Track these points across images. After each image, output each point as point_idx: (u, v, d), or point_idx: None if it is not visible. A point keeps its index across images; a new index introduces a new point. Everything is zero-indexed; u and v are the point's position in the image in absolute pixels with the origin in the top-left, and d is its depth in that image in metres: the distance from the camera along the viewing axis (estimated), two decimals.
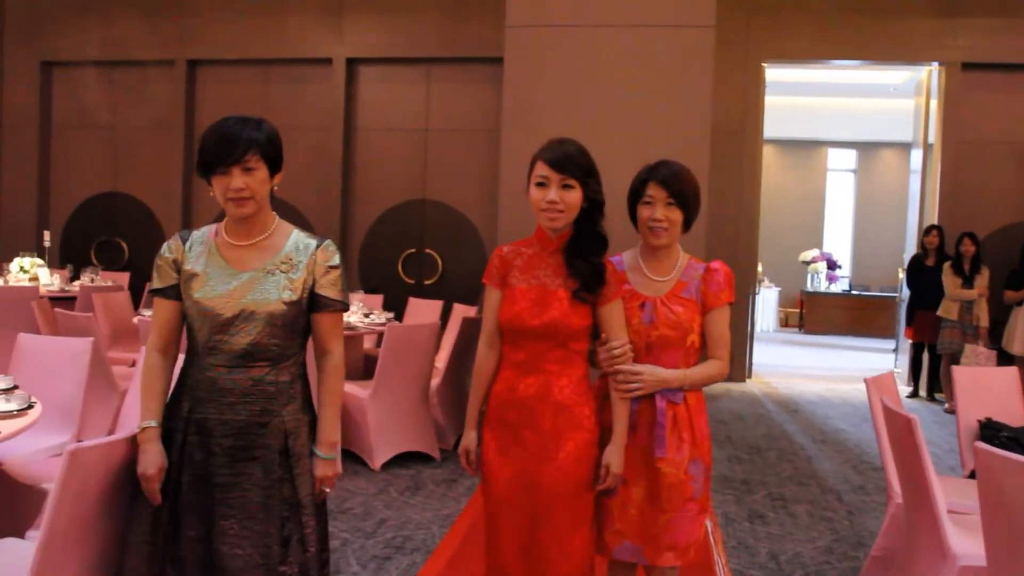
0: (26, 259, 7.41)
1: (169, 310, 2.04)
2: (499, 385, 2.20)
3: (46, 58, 9.21)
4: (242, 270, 2.00)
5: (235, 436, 1.96)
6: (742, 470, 5.00)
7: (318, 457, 2.04)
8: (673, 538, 2.19)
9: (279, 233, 2.06)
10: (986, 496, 2.22)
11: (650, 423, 2.20)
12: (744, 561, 3.55)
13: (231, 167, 1.93)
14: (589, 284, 2.12)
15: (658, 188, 2.21)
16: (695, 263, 2.29)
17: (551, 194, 2.10)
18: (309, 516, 2.01)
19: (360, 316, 5.44)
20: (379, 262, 8.66)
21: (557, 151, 2.12)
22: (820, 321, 13.76)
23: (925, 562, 2.69)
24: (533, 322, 2.12)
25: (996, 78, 8.03)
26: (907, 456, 2.71)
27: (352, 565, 3.32)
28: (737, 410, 6.87)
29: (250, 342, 1.96)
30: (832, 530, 3.98)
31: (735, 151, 8.31)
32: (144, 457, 1.95)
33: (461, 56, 8.31)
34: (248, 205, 1.96)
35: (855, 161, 15.10)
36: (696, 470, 2.21)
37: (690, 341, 2.21)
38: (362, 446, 4.70)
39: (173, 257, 2.03)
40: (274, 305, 1.97)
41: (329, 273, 2.05)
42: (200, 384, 1.98)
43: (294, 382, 2.03)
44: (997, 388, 3.73)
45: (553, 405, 2.13)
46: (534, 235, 2.22)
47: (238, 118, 1.98)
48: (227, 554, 1.94)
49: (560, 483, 2.11)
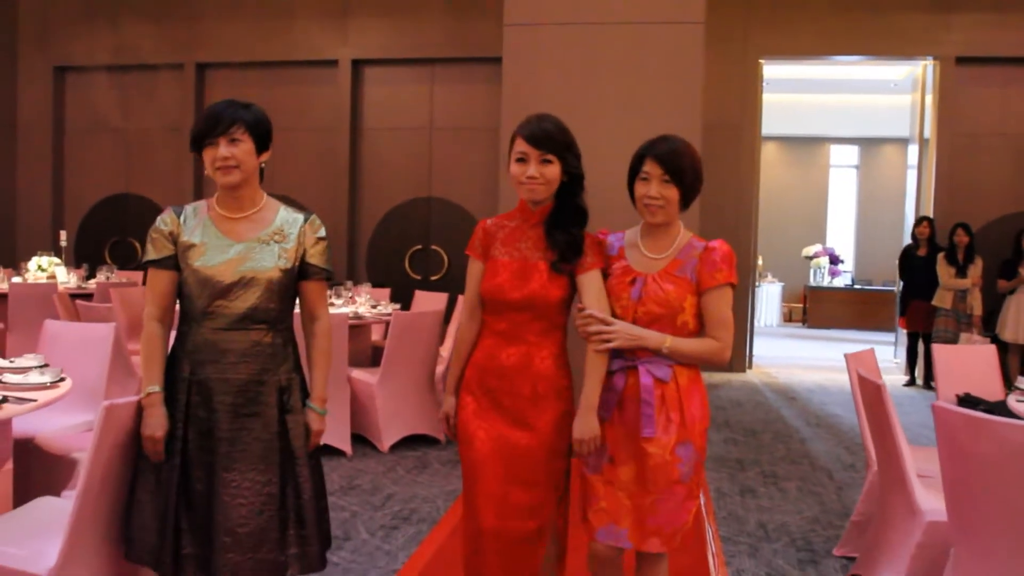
0: (44, 258, 7.63)
1: (166, 280, 2.18)
2: (480, 353, 2.25)
3: (59, 63, 9.45)
4: (238, 240, 2.16)
5: (235, 394, 2.12)
6: (737, 451, 5.18)
7: (313, 411, 2.23)
8: (658, 522, 2.14)
9: (269, 208, 2.24)
10: (945, 452, 2.39)
11: (636, 400, 2.16)
12: (733, 529, 3.72)
13: (218, 139, 2.10)
14: (566, 254, 2.18)
15: (654, 164, 2.17)
16: (696, 241, 2.23)
17: (530, 169, 2.16)
18: (302, 466, 2.18)
19: (368, 307, 5.64)
20: (386, 258, 8.86)
21: (535, 127, 2.18)
22: (823, 316, 13.89)
23: (897, 520, 2.86)
24: (514, 295, 2.18)
25: (990, 72, 8.18)
26: (879, 421, 2.88)
27: (361, 533, 3.52)
28: (736, 397, 7.04)
29: (250, 306, 2.13)
30: (820, 503, 4.15)
31: (733, 147, 8.49)
32: (150, 420, 2.10)
33: (464, 56, 8.51)
34: (234, 173, 2.12)
35: (857, 157, 15.23)
36: (685, 453, 2.15)
37: (681, 321, 2.16)
38: (371, 429, 4.89)
39: (169, 230, 2.18)
40: (272, 272, 2.15)
41: (318, 244, 2.24)
42: (200, 347, 2.13)
43: (287, 344, 2.21)
44: (976, 365, 3.90)
45: (534, 375, 2.19)
46: (516, 208, 2.29)
47: (227, 100, 2.17)
48: (229, 503, 2.08)
49: (536, 446, 2.17)
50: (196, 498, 2.10)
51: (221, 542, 2.08)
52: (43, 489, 3.07)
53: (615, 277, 2.23)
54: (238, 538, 2.08)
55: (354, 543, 3.40)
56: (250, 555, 2.09)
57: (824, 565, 3.33)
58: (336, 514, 3.72)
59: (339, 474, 4.34)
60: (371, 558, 3.26)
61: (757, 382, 7.94)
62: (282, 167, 8.91)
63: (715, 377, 7.97)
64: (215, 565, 2.09)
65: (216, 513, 2.08)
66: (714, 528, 3.71)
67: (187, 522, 2.10)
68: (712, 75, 6.77)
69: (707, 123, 5.94)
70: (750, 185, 8.68)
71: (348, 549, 3.33)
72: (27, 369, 2.90)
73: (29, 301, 6.16)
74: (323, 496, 2.26)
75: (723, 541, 3.56)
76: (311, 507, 2.18)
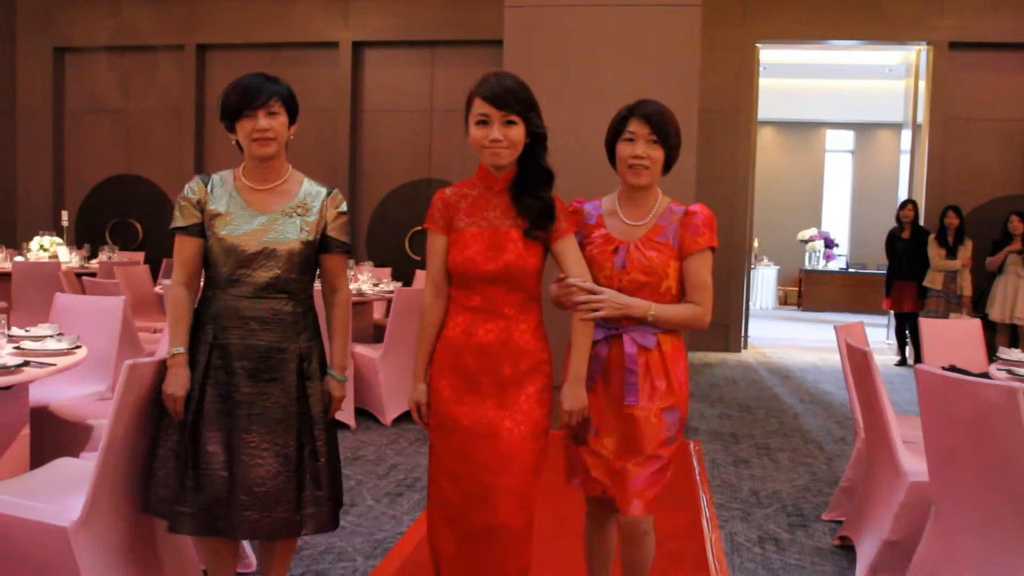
0: (45, 238, 7.73)
1: (192, 246, 2.23)
2: (452, 331, 2.13)
3: (58, 44, 9.49)
4: (262, 211, 2.21)
5: (256, 360, 2.18)
6: (731, 425, 5.30)
7: (333, 378, 2.30)
8: (640, 483, 2.12)
9: (293, 180, 2.29)
10: (926, 412, 2.51)
11: (622, 370, 2.14)
12: (727, 496, 3.85)
13: (257, 111, 2.15)
14: (539, 221, 2.08)
15: (640, 124, 2.13)
16: (675, 206, 2.21)
17: (494, 132, 2.03)
18: (320, 430, 2.24)
19: (370, 285, 5.74)
20: (386, 239, 8.95)
21: (495, 86, 2.04)
22: (818, 299, 14.02)
23: (882, 482, 2.98)
24: (488, 267, 2.07)
25: (982, 57, 8.27)
26: (865, 387, 3.00)
27: (367, 499, 3.63)
28: (730, 375, 7.17)
29: (272, 276, 2.18)
30: (810, 472, 4.28)
31: (730, 130, 8.58)
32: (172, 380, 2.16)
33: (464, 39, 8.57)
34: (271, 145, 2.18)
35: (853, 142, 15.32)
36: (671, 418, 2.15)
37: (665, 287, 2.14)
38: (374, 403, 5.00)
39: (197, 198, 2.22)
40: (294, 244, 2.20)
41: (339, 218, 2.29)
42: (224, 313, 2.19)
43: (307, 313, 2.27)
44: (960, 338, 4.02)
45: (514, 351, 2.08)
46: (476, 175, 2.16)
47: (258, 74, 2.21)
48: (249, 463, 2.15)
49: (522, 425, 2.07)
50: (206, 459, 2.15)
51: (239, 501, 2.13)
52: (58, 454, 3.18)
53: (596, 246, 2.19)
54: (256, 497, 2.13)
55: (360, 508, 3.52)
56: (267, 514, 2.14)
57: (813, 528, 3.46)
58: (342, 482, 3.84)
59: (344, 446, 4.46)
60: (377, 522, 3.38)
61: (752, 361, 8.07)
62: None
63: (710, 356, 8.09)
64: (233, 523, 2.14)
65: (236, 473, 2.14)
66: (708, 495, 3.83)
67: (192, 481, 2.15)
68: (709, 60, 6.85)
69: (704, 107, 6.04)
70: (746, 169, 8.77)
71: (355, 514, 3.45)
72: (43, 337, 3.00)
73: (32, 280, 6.25)
74: (338, 459, 2.33)
75: (716, 507, 3.69)
76: (326, 470, 2.24)
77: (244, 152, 2.23)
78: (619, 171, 2.19)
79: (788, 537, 3.36)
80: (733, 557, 3.14)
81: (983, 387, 2.26)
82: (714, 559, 3.09)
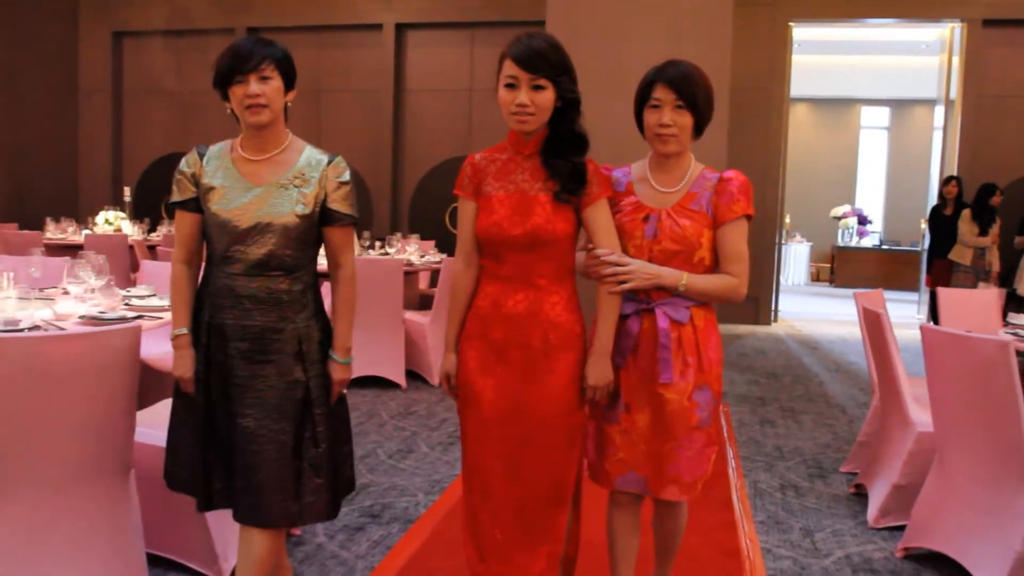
0: (110, 212, 8.21)
1: (190, 222, 2.11)
2: (482, 300, 2.05)
3: (117, 29, 9.96)
4: (257, 184, 2.06)
5: (251, 340, 2.04)
6: (759, 390, 5.60)
7: (335, 361, 2.12)
8: (676, 470, 2.07)
9: (292, 148, 2.12)
10: (931, 367, 2.81)
11: (652, 345, 2.05)
12: (752, 451, 4.17)
13: (248, 75, 1.99)
14: (569, 184, 1.98)
15: (666, 90, 2.03)
16: (708, 173, 2.10)
17: (521, 96, 1.94)
18: (320, 415, 2.08)
19: (417, 256, 6.10)
20: (428, 214, 9.32)
21: (525, 47, 1.93)
22: (850, 275, 14.13)
23: (893, 434, 3.28)
24: (514, 231, 1.97)
25: (1016, 33, 8.36)
26: (879, 346, 3.29)
27: (423, 447, 4.01)
28: (760, 346, 7.44)
29: (266, 252, 2.03)
30: (832, 432, 4.58)
31: (763, 108, 8.77)
32: (179, 361, 2.07)
33: (503, 20, 8.84)
34: (264, 113, 2.01)
35: (888, 118, 15.33)
36: (703, 398, 2.06)
37: (698, 258, 2.05)
38: (422, 365, 5.38)
39: (191, 171, 2.09)
40: (288, 218, 2.04)
41: (340, 188, 2.10)
42: (219, 291, 2.05)
43: (306, 291, 2.11)
44: (977, 307, 4.27)
45: (544, 323, 1.99)
46: (507, 139, 2.07)
47: (251, 36, 2.07)
48: (244, 449, 2.03)
49: (550, 404, 1.99)
50: (220, 438, 2.09)
51: (238, 485, 2.06)
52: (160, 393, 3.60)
53: (626, 214, 2.09)
54: (252, 483, 2.03)
55: (417, 455, 3.90)
56: (264, 501, 2.04)
57: (831, 479, 3.77)
58: (399, 433, 4.23)
59: (396, 403, 4.85)
60: (433, 466, 3.75)
61: (781, 333, 8.32)
62: (329, 126, 9.37)
63: (740, 328, 8.36)
64: (237, 507, 2.09)
65: (234, 457, 2.06)
66: (735, 449, 4.15)
67: (215, 458, 2.09)
68: (742, 38, 7.07)
69: (737, 85, 6.28)
70: (778, 146, 8.97)
71: (412, 459, 3.83)
72: (146, 296, 3.39)
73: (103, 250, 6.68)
74: (342, 445, 2.18)
75: (742, 459, 4.01)
76: (326, 457, 2.10)
77: (240, 121, 2.08)
78: (647, 139, 2.10)
79: (807, 485, 3.68)
80: (756, 500, 3.46)
81: (979, 342, 2.55)
82: (739, 501, 3.42)
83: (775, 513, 3.33)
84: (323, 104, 9.44)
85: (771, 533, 3.12)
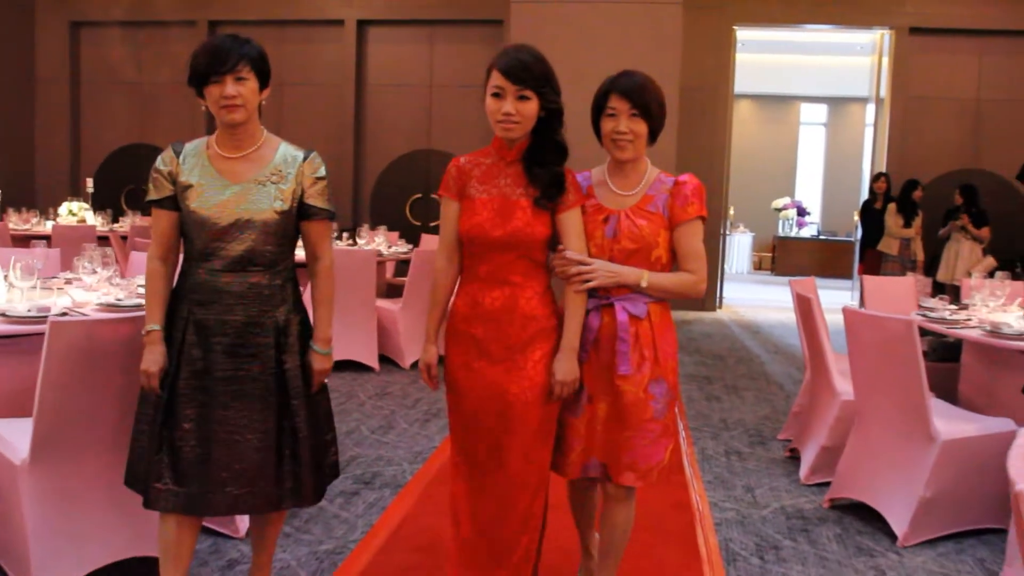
0: (74, 203, 8.32)
1: (167, 220, 2.13)
2: (461, 300, 2.17)
3: (75, 18, 9.99)
4: (235, 181, 2.10)
5: (233, 335, 2.08)
6: (705, 370, 6.08)
7: (316, 352, 2.18)
8: (632, 457, 2.17)
9: (268, 146, 2.16)
10: (851, 343, 3.27)
11: (612, 338, 2.16)
12: (700, 423, 4.63)
13: (224, 76, 2.02)
14: (549, 191, 2.10)
15: (620, 100, 2.14)
16: (664, 177, 2.22)
17: (506, 106, 2.05)
18: (300, 405, 2.15)
19: (385, 247, 6.42)
20: (389, 205, 9.62)
21: (511, 59, 2.06)
22: (790, 264, 14.83)
23: (821, 403, 3.75)
24: (495, 233, 2.09)
25: (939, 41, 9.03)
26: (809, 326, 3.76)
27: (402, 424, 4.37)
28: (706, 331, 7.96)
29: (246, 248, 2.07)
30: (771, 406, 5.07)
31: (709, 106, 9.27)
32: (148, 356, 2.09)
33: (461, 18, 9.19)
34: (239, 112, 2.05)
35: (826, 115, 16.07)
36: (658, 390, 2.17)
37: (655, 256, 2.16)
38: (393, 350, 5.72)
39: (168, 169, 2.11)
40: (267, 214, 2.09)
41: (317, 184, 2.16)
42: (199, 287, 2.09)
43: (285, 285, 2.16)
44: (898, 292, 4.78)
45: (521, 317, 2.11)
46: (491, 145, 2.18)
47: (228, 35, 2.10)
48: (228, 440, 2.07)
49: (529, 391, 2.10)
50: (182, 436, 2.09)
51: (219, 478, 2.08)
52: None
53: (588, 216, 2.19)
54: (235, 473, 2.08)
55: (397, 431, 4.25)
56: (247, 489, 2.10)
57: (769, 445, 4.24)
58: (378, 411, 4.58)
59: (372, 384, 5.19)
60: (414, 439, 4.11)
61: (726, 319, 8.86)
62: (291, 119, 9.59)
63: (688, 314, 8.87)
64: (212, 501, 2.10)
65: (214, 451, 2.08)
66: (684, 421, 4.61)
67: (168, 458, 2.09)
68: (690, 41, 7.54)
69: (684, 85, 6.75)
70: (722, 141, 9.49)
71: (394, 434, 4.18)
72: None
73: (71, 241, 6.84)
74: (325, 431, 2.25)
75: (691, 430, 4.46)
76: (307, 445, 2.17)
77: (216, 120, 2.12)
78: (604, 146, 2.22)
79: (749, 451, 4.14)
80: (704, 464, 3.91)
81: (889, 321, 3.01)
82: (689, 465, 3.86)
83: (720, 474, 3.78)
84: (285, 97, 9.64)
85: (717, 490, 3.57)
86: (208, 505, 2.10)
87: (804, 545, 3.03)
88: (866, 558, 2.93)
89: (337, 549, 2.84)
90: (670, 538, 3.03)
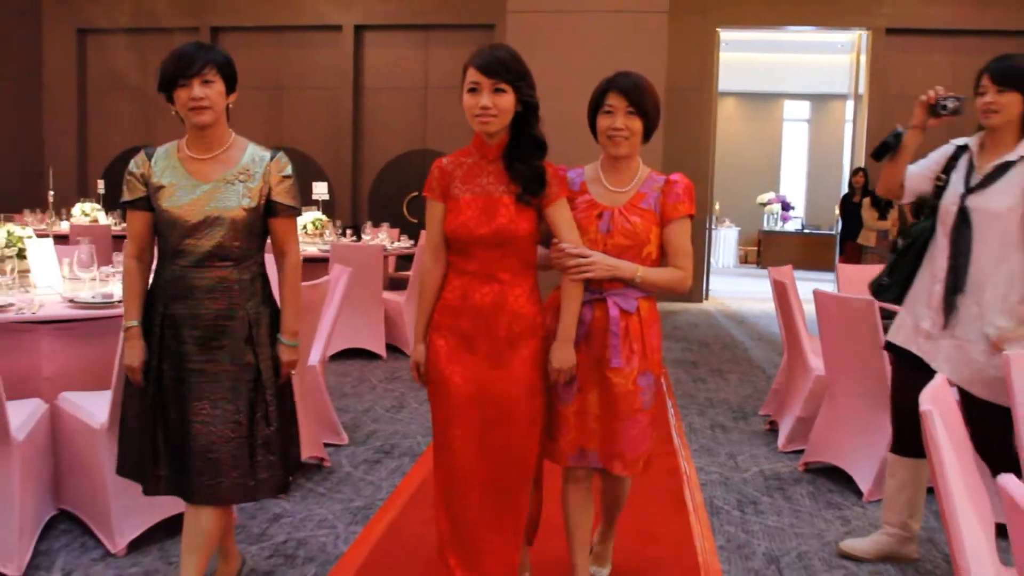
0: (87, 204, 8.65)
1: (141, 220, 2.22)
2: (450, 294, 2.20)
3: (81, 26, 10.30)
4: (204, 181, 2.18)
5: (204, 328, 2.17)
6: (692, 356, 6.47)
7: (284, 344, 2.27)
8: (621, 447, 2.24)
9: (236, 147, 2.24)
10: (821, 323, 3.65)
11: (603, 332, 2.23)
12: (687, 401, 5.02)
13: (191, 79, 2.11)
14: (530, 186, 2.14)
15: (618, 97, 2.21)
16: (655, 176, 2.29)
17: (483, 100, 2.08)
18: (271, 396, 2.23)
19: (388, 243, 6.78)
20: (386, 204, 9.97)
21: (487, 56, 2.11)
22: (775, 257, 15.21)
23: (797, 378, 4.14)
24: (481, 231, 2.12)
25: (915, 41, 9.45)
26: (785, 310, 4.15)
27: (412, 403, 4.74)
28: (692, 321, 8.35)
29: (215, 244, 2.16)
30: (753, 387, 5.46)
31: (695, 105, 9.67)
32: (129, 352, 2.20)
33: (456, 23, 9.55)
34: (207, 114, 2.14)
35: (808, 112, 16.50)
36: (646, 382, 2.25)
37: (647, 252, 2.22)
38: (400, 339, 6.08)
39: (140, 172, 2.20)
40: (235, 212, 2.17)
41: (283, 182, 2.24)
42: (171, 283, 2.18)
43: (254, 280, 2.24)
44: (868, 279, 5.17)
45: (509, 314, 2.14)
46: (472, 144, 2.21)
47: (194, 42, 2.21)
48: (201, 431, 2.16)
49: (514, 386, 2.14)
50: (172, 425, 2.20)
51: (195, 466, 2.17)
52: None
53: (581, 211, 2.25)
54: (209, 463, 2.16)
55: (408, 409, 4.62)
56: (221, 479, 2.17)
57: (751, 420, 4.63)
58: (389, 393, 4.94)
59: (381, 370, 5.55)
60: (425, 417, 4.48)
61: (712, 310, 9.26)
62: (291, 122, 9.94)
63: (675, 306, 9.26)
64: (191, 488, 2.19)
65: (189, 440, 2.17)
66: (672, 400, 4.99)
67: (163, 447, 2.21)
68: (675, 43, 7.92)
69: (670, 85, 7.13)
70: (708, 139, 9.89)
71: (405, 413, 4.55)
72: None
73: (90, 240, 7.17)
74: (292, 424, 2.33)
75: (679, 408, 4.84)
76: (278, 435, 2.25)
77: (185, 123, 2.20)
78: (600, 142, 2.29)
79: (732, 425, 4.53)
80: (691, 436, 4.30)
81: (852, 301, 3.39)
82: (677, 436, 4.24)
83: (706, 444, 4.17)
84: (285, 101, 9.99)
85: (703, 457, 3.95)
86: (189, 493, 2.19)
87: (780, 501, 3.42)
88: (835, 511, 3.32)
89: (368, 506, 3.22)
90: (662, 496, 3.41)
